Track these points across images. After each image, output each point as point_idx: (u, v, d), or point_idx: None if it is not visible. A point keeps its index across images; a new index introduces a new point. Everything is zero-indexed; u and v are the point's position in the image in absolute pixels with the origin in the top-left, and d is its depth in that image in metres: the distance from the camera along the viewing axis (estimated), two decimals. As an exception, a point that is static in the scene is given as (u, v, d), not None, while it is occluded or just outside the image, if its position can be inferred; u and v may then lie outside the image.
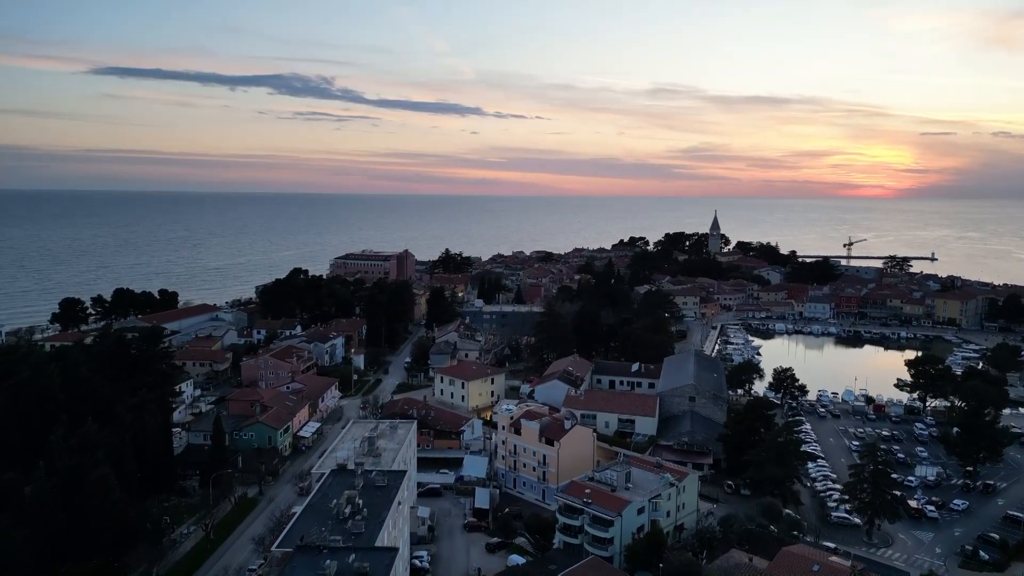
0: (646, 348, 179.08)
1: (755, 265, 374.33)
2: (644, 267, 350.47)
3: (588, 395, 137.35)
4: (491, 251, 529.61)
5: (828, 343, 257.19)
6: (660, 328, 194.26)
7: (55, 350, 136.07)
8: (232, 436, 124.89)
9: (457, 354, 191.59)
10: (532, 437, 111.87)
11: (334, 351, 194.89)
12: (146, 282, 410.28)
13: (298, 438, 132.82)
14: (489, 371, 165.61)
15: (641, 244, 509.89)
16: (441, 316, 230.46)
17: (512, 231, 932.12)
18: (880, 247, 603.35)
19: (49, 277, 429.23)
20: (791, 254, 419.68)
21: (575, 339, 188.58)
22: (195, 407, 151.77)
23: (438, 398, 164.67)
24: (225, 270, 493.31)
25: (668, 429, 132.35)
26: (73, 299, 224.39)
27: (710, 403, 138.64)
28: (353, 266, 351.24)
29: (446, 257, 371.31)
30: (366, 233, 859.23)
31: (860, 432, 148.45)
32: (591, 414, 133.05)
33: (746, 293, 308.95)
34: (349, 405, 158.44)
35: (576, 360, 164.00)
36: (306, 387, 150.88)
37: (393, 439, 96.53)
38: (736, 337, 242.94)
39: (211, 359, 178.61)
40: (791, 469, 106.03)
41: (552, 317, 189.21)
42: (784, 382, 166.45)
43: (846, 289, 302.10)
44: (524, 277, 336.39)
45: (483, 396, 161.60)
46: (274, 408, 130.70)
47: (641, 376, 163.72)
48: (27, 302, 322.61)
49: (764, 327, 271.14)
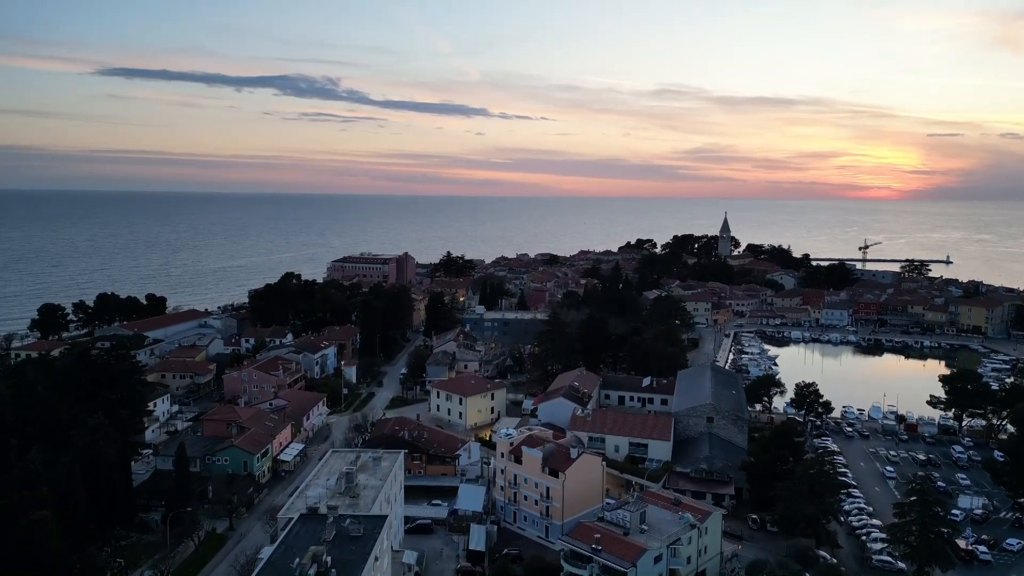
0: (657, 360, 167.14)
1: (767, 269, 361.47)
2: (652, 271, 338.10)
3: (596, 415, 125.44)
4: (495, 253, 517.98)
5: (847, 352, 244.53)
6: (672, 338, 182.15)
7: (12, 365, 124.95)
8: (204, 461, 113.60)
9: (456, 365, 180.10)
10: (534, 467, 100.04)
11: (325, 362, 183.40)
12: (142, 285, 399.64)
13: (278, 462, 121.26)
14: (489, 385, 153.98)
15: (648, 246, 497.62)
16: (440, 323, 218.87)
17: (517, 232, 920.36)
18: (894, 250, 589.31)
19: (42, 280, 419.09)
20: (804, 257, 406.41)
21: (581, 349, 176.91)
22: (171, 425, 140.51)
23: (434, 414, 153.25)
24: (224, 272, 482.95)
25: (684, 454, 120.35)
26: (53, 305, 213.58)
27: (730, 424, 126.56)
28: (351, 270, 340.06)
29: (447, 260, 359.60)
30: (369, 234, 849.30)
31: (893, 455, 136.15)
32: (599, 437, 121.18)
33: (759, 298, 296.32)
34: (338, 423, 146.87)
35: (582, 374, 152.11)
36: (290, 404, 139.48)
37: (376, 473, 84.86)
38: (751, 346, 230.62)
39: (192, 371, 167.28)
40: (827, 507, 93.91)
41: (557, 326, 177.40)
42: (807, 398, 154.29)
43: (864, 295, 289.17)
44: (528, 281, 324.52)
45: (482, 413, 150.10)
46: (252, 429, 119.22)
47: (653, 392, 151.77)
48: (15, 306, 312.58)
49: (779, 334, 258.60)
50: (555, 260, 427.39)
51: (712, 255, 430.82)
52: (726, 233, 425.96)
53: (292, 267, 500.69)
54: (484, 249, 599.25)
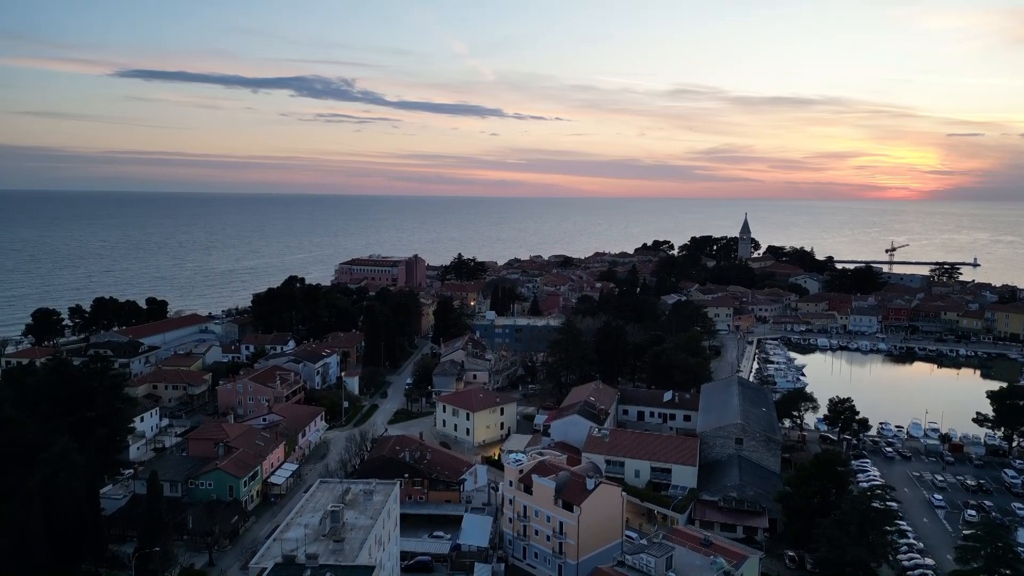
0: (679, 372, 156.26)
1: (790, 272, 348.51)
2: (671, 274, 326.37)
3: (615, 436, 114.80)
4: (508, 255, 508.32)
5: (877, 361, 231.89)
6: (694, 347, 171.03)
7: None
8: (187, 485, 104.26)
9: (464, 375, 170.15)
10: (546, 498, 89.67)
11: (327, 371, 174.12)
12: (149, 287, 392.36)
13: (268, 485, 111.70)
14: (498, 399, 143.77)
15: (665, 248, 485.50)
16: (449, 330, 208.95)
17: (530, 234, 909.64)
18: (919, 252, 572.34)
19: (50, 282, 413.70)
20: (828, 260, 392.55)
21: (597, 360, 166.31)
22: (158, 441, 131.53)
23: (440, 430, 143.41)
24: (233, 274, 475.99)
25: (711, 479, 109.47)
26: (48, 310, 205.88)
27: (761, 447, 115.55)
28: (359, 272, 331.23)
29: (458, 263, 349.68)
30: (382, 235, 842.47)
31: (940, 480, 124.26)
32: (618, 461, 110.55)
33: (783, 303, 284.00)
34: (337, 439, 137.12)
35: (598, 387, 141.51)
36: (285, 419, 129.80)
37: (366, 510, 74.95)
38: (776, 354, 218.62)
39: (186, 381, 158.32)
40: (878, 549, 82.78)
41: (571, 334, 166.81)
42: (842, 415, 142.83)
43: (894, 300, 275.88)
44: (541, 285, 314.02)
45: (491, 429, 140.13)
46: (240, 450, 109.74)
47: (675, 407, 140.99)
48: (18, 309, 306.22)
49: (805, 342, 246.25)
50: (569, 262, 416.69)
51: (732, 257, 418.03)
52: (746, 235, 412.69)
53: (303, 269, 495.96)
54: (497, 250, 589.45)
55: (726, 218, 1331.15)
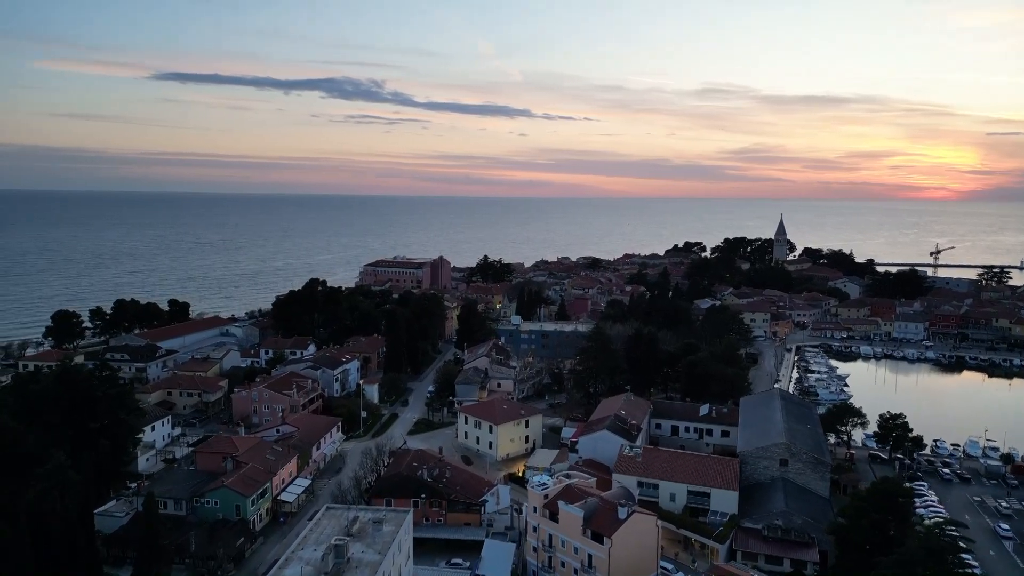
0: (716, 383, 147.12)
1: (828, 275, 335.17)
2: (703, 277, 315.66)
3: (648, 456, 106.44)
4: (535, 256, 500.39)
5: (925, 370, 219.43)
6: (732, 357, 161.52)
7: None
8: (193, 503, 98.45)
9: (488, 384, 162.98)
10: (574, 528, 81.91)
11: (346, 378, 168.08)
12: (179, 288, 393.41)
13: (279, 503, 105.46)
14: (523, 411, 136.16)
15: (697, 250, 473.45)
16: (473, 335, 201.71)
17: (559, 235, 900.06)
18: (964, 255, 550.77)
19: (81, 282, 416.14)
20: (868, 263, 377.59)
21: (628, 369, 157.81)
22: (169, 452, 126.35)
23: (461, 442, 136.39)
24: (260, 275, 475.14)
25: (753, 504, 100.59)
26: (68, 312, 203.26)
27: (808, 469, 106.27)
28: (383, 274, 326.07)
29: (484, 264, 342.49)
30: (409, 236, 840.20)
31: (1004, 507, 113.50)
32: (652, 483, 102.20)
33: (822, 309, 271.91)
34: (354, 450, 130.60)
35: (630, 400, 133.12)
36: (299, 430, 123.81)
37: (375, 543, 67.95)
38: (817, 363, 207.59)
39: (201, 388, 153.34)
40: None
41: (600, 342, 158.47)
42: (893, 432, 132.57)
43: (942, 306, 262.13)
44: (569, 287, 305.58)
45: (515, 442, 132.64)
46: (249, 465, 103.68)
47: (712, 422, 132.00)
48: (47, 310, 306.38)
49: (847, 349, 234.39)
50: (598, 264, 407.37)
51: (766, 260, 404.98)
52: (782, 236, 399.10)
53: (329, 270, 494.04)
54: (524, 251, 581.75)
55: (757, 218, 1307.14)
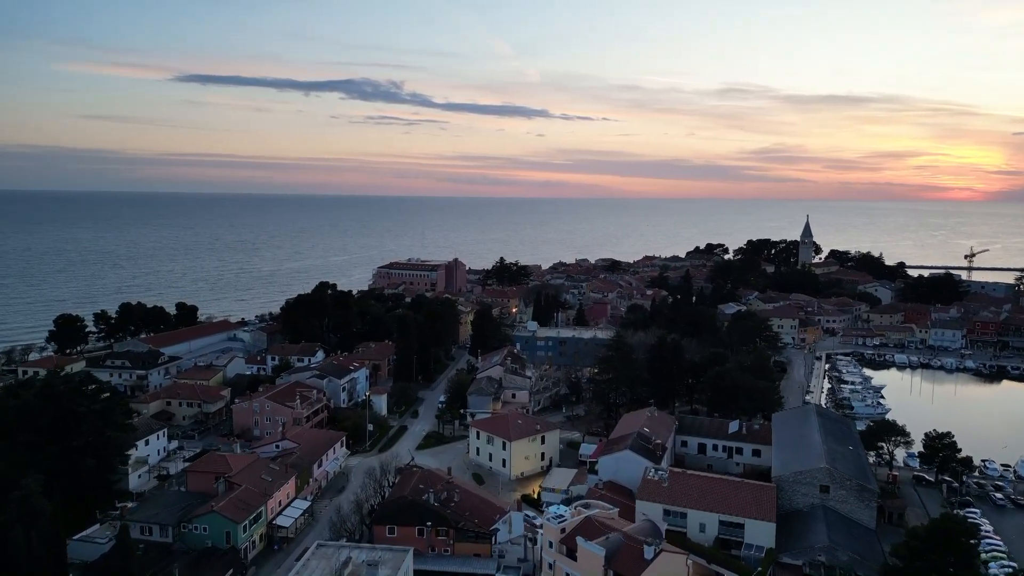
0: (746, 396, 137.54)
1: (858, 279, 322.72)
2: (727, 280, 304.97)
3: (676, 480, 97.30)
4: (552, 258, 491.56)
5: (963, 380, 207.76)
6: (762, 368, 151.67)
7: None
8: (180, 528, 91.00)
9: (502, 394, 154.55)
10: (594, 568, 73.22)
11: (353, 387, 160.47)
12: (193, 289, 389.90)
13: (274, 527, 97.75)
14: (539, 427, 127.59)
15: (719, 252, 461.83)
16: (487, 341, 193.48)
17: (577, 236, 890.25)
18: (999, 257, 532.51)
19: (94, 283, 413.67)
20: (899, 266, 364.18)
21: (651, 380, 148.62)
22: (163, 468, 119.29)
23: (473, 458, 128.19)
24: (275, 276, 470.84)
25: (791, 535, 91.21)
26: (71, 316, 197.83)
27: (852, 496, 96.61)
28: (397, 276, 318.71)
29: (500, 267, 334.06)
30: (426, 237, 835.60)
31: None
32: (680, 511, 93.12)
33: (853, 314, 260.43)
34: (359, 467, 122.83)
35: (654, 416, 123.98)
36: (300, 446, 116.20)
37: (368, 590, 59.95)
38: (850, 372, 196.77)
39: (201, 397, 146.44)
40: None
41: (621, 351, 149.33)
42: (940, 451, 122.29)
43: (979, 312, 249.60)
44: (587, 291, 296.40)
45: (530, 460, 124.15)
46: (243, 486, 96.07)
47: (742, 440, 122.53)
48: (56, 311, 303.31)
49: (880, 358, 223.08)
50: (617, 266, 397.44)
51: (791, 262, 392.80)
52: (808, 238, 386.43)
53: (345, 271, 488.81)
54: (541, 253, 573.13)
55: (779, 219, 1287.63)
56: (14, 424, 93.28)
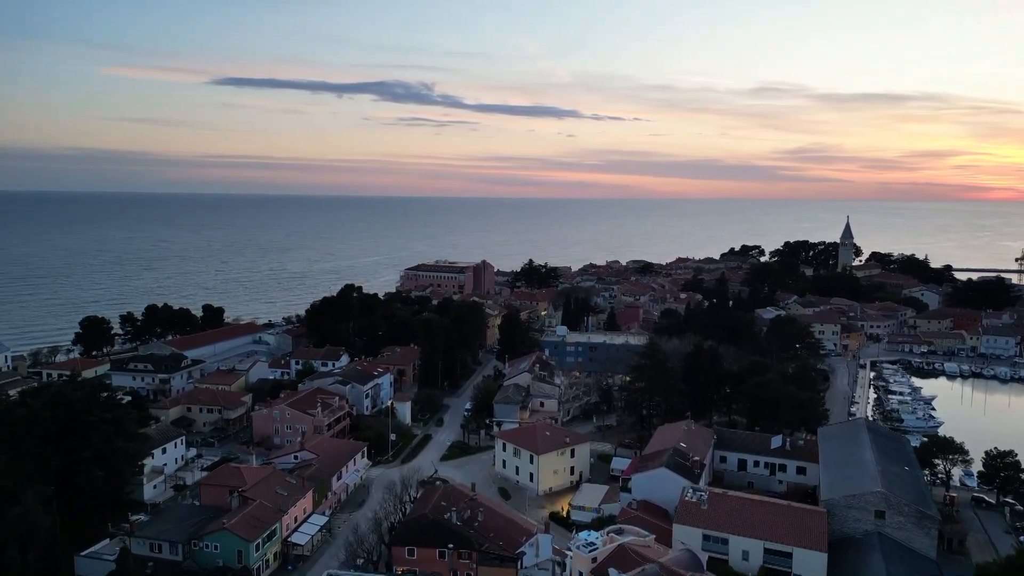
0: (789, 408, 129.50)
1: (902, 282, 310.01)
2: (764, 283, 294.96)
3: (716, 502, 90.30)
4: (582, 260, 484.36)
5: (1018, 391, 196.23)
6: (805, 377, 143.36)
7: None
8: (191, 546, 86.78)
9: (530, 403, 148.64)
10: (628, 603, 66.84)
11: (377, 393, 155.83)
12: (222, 290, 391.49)
13: (289, 545, 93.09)
14: (568, 438, 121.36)
15: (755, 254, 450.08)
16: (515, 346, 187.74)
17: (607, 237, 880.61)
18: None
19: (127, 284, 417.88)
20: (945, 269, 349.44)
21: (687, 390, 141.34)
22: (179, 478, 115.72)
23: (499, 471, 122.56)
24: (305, 277, 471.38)
25: (843, 566, 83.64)
26: (97, 318, 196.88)
27: (910, 523, 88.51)
28: (425, 278, 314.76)
29: (529, 268, 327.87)
30: (455, 237, 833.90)
31: None
32: (721, 537, 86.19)
33: (898, 320, 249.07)
34: (380, 479, 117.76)
35: (691, 429, 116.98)
36: (319, 456, 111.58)
37: (379, 630, 54.53)
38: (898, 382, 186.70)
39: (222, 403, 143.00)
40: None
41: (656, 359, 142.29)
42: (1001, 471, 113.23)
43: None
44: (619, 294, 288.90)
45: (559, 475, 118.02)
46: (256, 502, 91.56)
47: (786, 456, 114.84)
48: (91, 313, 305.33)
49: (928, 366, 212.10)
50: (649, 268, 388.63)
51: (831, 265, 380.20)
52: (848, 239, 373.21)
53: (374, 272, 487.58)
54: (571, 255, 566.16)
55: (814, 220, 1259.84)
56: (22, 434, 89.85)
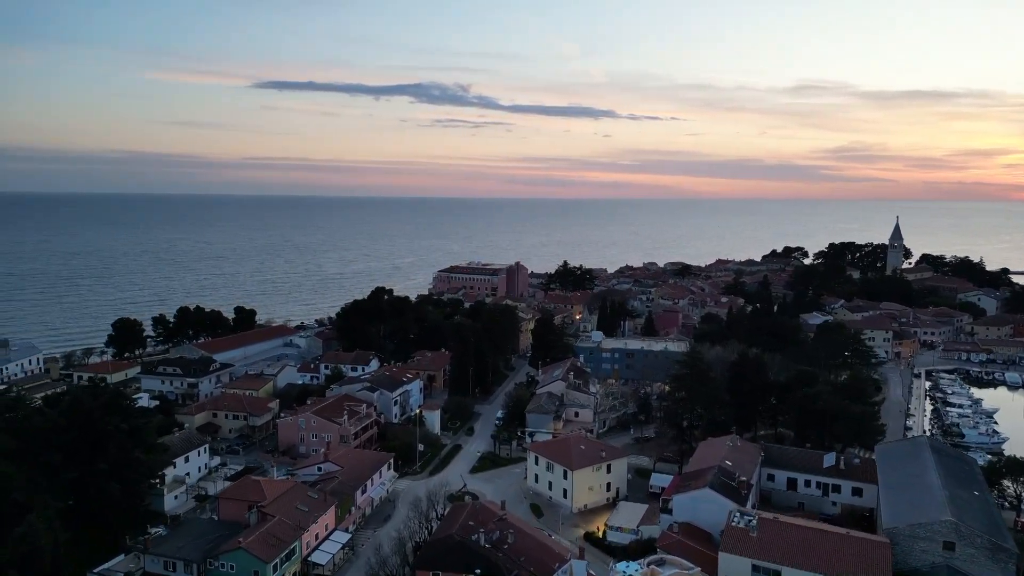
0: (839, 422, 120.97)
1: (956, 286, 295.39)
2: (809, 287, 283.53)
3: (766, 529, 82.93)
4: (619, 261, 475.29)
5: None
6: (858, 388, 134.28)
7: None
8: (207, 565, 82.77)
9: (564, 412, 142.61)
10: (671, 647, 60.31)
11: (406, 400, 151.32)
12: (258, 291, 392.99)
13: (309, 565, 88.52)
14: (604, 452, 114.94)
15: (798, 255, 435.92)
16: (549, 352, 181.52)
17: (643, 238, 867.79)
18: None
19: (165, 284, 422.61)
20: (1002, 272, 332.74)
21: (730, 401, 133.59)
22: (201, 488, 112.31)
23: (531, 486, 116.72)
24: (341, 278, 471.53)
25: (910, 604, 75.80)
26: (129, 320, 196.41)
27: (983, 556, 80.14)
28: (457, 280, 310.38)
29: (563, 271, 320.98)
30: (491, 238, 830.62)
31: None
32: (773, 568, 78.93)
33: (954, 326, 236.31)
34: (407, 491, 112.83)
35: (736, 446, 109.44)
36: (343, 468, 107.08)
37: None
38: (956, 393, 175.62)
39: (248, 409, 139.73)
40: None
41: (697, 368, 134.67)
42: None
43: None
44: (656, 297, 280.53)
45: (595, 491, 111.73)
46: (276, 518, 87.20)
47: (840, 476, 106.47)
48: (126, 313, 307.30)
49: (987, 376, 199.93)
50: (688, 271, 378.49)
51: (878, 267, 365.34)
52: (898, 241, 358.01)
53: (408, 273, 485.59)
54: (607, 256, 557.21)
55: (857, 220, 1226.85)
56: (38, 444, 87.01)
